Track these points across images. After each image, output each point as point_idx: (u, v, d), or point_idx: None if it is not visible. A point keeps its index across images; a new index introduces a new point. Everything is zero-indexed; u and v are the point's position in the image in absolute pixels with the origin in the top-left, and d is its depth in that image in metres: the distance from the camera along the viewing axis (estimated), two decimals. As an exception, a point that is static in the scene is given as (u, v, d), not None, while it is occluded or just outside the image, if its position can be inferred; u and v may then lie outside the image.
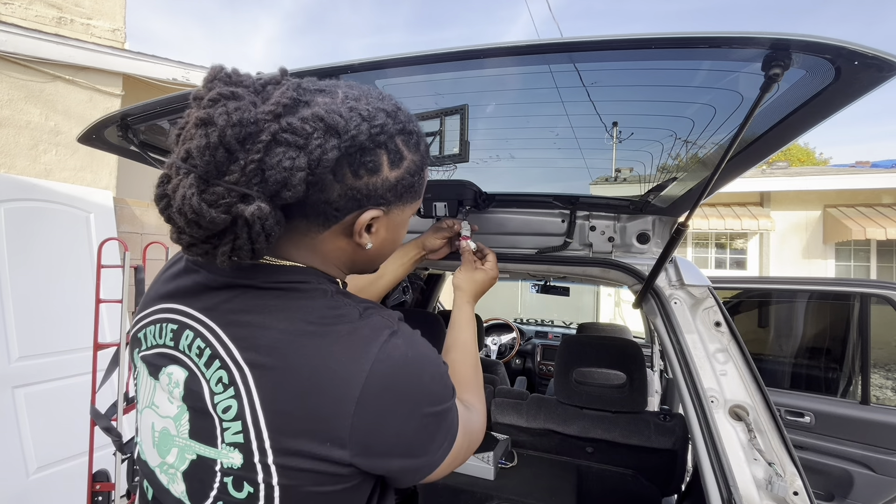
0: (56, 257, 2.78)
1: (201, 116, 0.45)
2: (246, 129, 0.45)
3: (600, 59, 0.64)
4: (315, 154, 0.47)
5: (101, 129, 1.03)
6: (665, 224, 1.21)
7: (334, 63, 0.67)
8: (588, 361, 1.64)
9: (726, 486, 0.92)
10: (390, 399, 0.49)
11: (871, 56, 0.49)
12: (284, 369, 0.48)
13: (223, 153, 0.44)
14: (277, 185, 0.46)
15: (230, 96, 0.45)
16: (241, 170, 0.45)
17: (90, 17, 3.62)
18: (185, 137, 0.46)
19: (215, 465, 0.50)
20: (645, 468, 1.56)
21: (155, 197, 0.48)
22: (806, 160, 21.01)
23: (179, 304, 0.56)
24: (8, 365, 2.47)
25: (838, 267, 8.75)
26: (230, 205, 0.45)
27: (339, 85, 0.54)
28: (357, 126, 0.49)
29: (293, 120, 0.47)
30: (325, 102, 0.49)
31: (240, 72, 0.49)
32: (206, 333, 0.52)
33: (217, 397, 0.50)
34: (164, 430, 0.55)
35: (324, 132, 0.48)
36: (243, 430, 0.48)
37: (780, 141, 0.75)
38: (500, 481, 1.49)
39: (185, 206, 0.44)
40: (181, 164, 0.45)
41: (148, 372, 0.58)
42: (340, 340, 0.49)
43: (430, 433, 0.53)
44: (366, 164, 0.51)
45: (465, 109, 0.86)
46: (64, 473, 2.60)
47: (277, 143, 0.46)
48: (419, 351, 0.54)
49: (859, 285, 2.36)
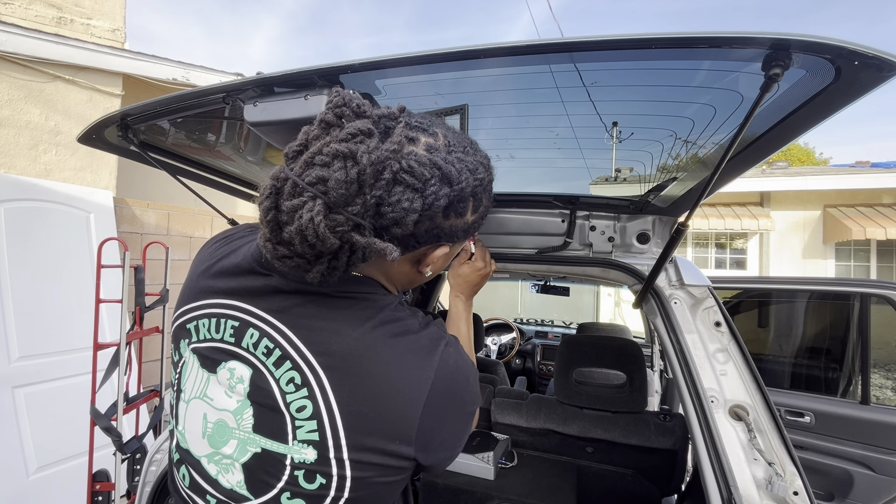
0: (56, 257, 2.78)
1: (343, 151, 0.46)
2: (376, 167, 0.47)
3: (600, 59, 0.64)
4: (429, 199, 0.51)
5: (101, 129, 1.03)
6: (665, 224, 1.21)
7: (335, 63, 0.67)
8: (588, 361, 1.64)
9: (726, 486, 0.92)
10: (449, 401, 0.56)
11: (871, 56, 0.49)
12: (359, 374, 0.52)
13: (356, 188, 0.47)
14: (391, 222, 0.50)
15: (368, 133, 0.47)
16: (363, 203, 0.47)
17: (90, 17, 3.62)
18: (315, 162, 0.47)
19: (285, 459, 0.54)
20: (645, 468, 1.56)
21: (263, 209, 0.49)
22: (806, 160, 21.02)
23: (242, 303, 0.58)
24: (8, 365, 2.47)
25: (838, 267, 8.75)
26: (345, 232, 0.48)
27: (436, 123, 0.57)
28: (466, 179, 0.54)
29: (412, 162, 0.50)
30: (428, 144, 0.53)
31: (363, 100, 0.51)
32: (275, 334, 0.55)
33: (289, 396, 0.54)
34: (221, 422, 0.57)
35: (439, 180, 0.52)
36: (319, 429, 0.52)
37: (780, 141, 0.75)
38: (500, 481, 1.49)
39: (310, 229, 0.46)
40: (308, 187, 0.46)
41: (200, 364, 0.60)
42: (409, 349, 0.55)
43: (468, 429, 0.61)
44: (458, 210, 0.56)
45: (465, 109, 0.86)
46: (64, 473, 2.60)
47: (397, 183, 0.49)
48: (464, 358, 0.60)
49: (859, 285, 2.36)
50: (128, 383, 2.14)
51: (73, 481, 2.59)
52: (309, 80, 0.71)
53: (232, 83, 0.75)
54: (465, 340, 0.87)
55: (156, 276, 3.37)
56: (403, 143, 0.50)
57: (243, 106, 0.77)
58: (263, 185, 0.49)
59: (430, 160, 0.51)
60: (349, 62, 0.66)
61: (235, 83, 0.75)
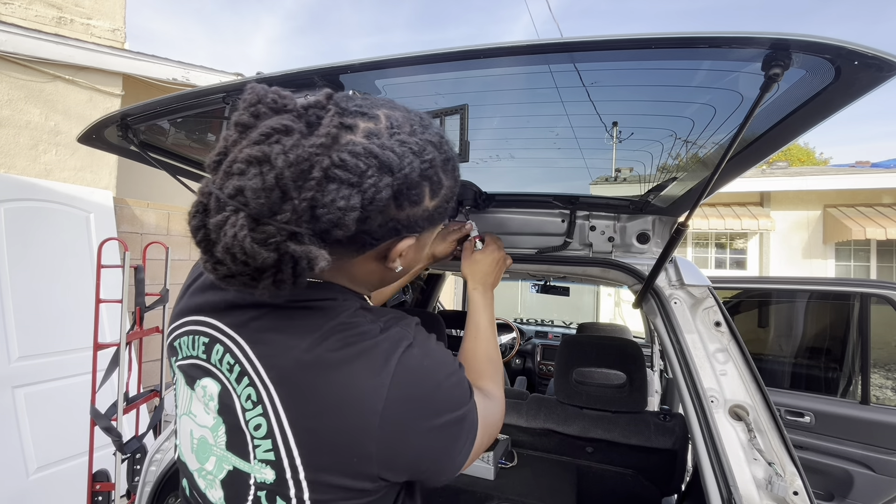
0: (56, 257, 2.78)
1: (256, 155, 0.42)
2: (299, 167, 0.42)
3: (600, 59, 0.64)
4: (369, 193, 0.46)
5: (101, 129, 1.03)
6: (665, 224, 1.21)
7: (334, 63, 0.67)
8: (588, 361, 1.64)
9: (726, 486, 0.92)
10: (412, 410, 0.50)
11: (871, 56, 0.49)
12: (309, 388, 0.49)
13: (278, 194, 0.42)
14: (329, 224, 0.45)
15: (284, 131, 0.43)
16: (293, 209, 0.43)
17: (90, 17, 3.62)
18: (231, 171, 0.43)
19: (249, 478, 0.52)
20: (645, 468, 1.56)
21: (192, 228, 0.46)
22: (806, 160, 21.02)
23: (210, 318, 0.57)
24: (8, 365, 2.47)
25: (838, 267, 8.75)
26: (279, 243, 0.43)
27: (378, 104, 0.52)
28: (410, 163, 0.49)
29: (345, 155, 0.45)
30: (368, 129, 0.48)
31: (282, 93, 0.46)
32: (236, 350, 0.53)
33: (248, 414, 0.52)
34: (203, 439, 0.57)
35: (377, 170, 0.46)
36: (274, 448, 0.50)
37: (780, 141, 0.75)
38: (500, 481, 1.49)
39: (236, 246, 0.42)
40: (228, 200, 0.43)
41: (185, 381, 0.60)
42: (362, 357, 0.50)
43: (454, 437, 0.54)
44: (410, 197, 0.51)
45: (465, 109, 0.86)
46: (64, 473, 2.60)
47: (329, 180, 0.44)
48: (435, 359, 0.55)
49: (859, 285, 2.36)
50: (128, 383, 2.14)
51: (73, 481, 2.59)
52: (309, 80, 0.71)
53: (232, 83, 0.76)
54: (485, 334, 0.82)
55: (156, 276, 3.37)
56: (335, 133, 0.45)
57: (243, 106, 0.77)
58: (192, 203, 0.46)
59: (364, 149, 0.46)
60: (349, 62, 0.66)
61: (235, 83, 0.75)
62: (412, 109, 0.55)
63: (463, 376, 0.58)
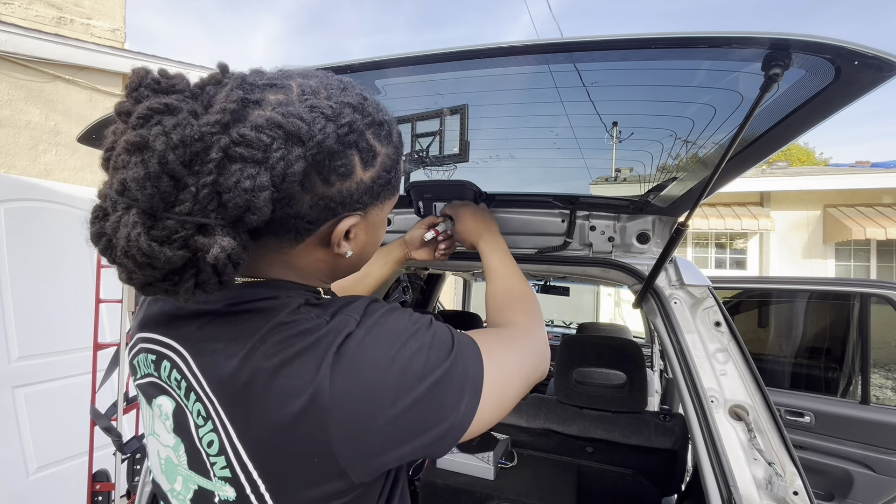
0: (56, 257, 2.78)
1: (132, 140, 0.37)
2: (191, 149, 0.38)
3: (600, 59, 0.64)
4: (278, 168, 0.41)
5: (100, 129, 1.03)
6: (665, 224, 1.21)
7: (334, 63, 0.67)
8: (588, 361, 1.64)
9: (726, 486, 0.92)
10: (363, 398, 0.44)
11: (871, 56, 0.49)
12: (251, 398, 0.45)
13: (168, 181, 0.37)
14: (239, 210, 0.40)
15: (164, 110, 0.38)
16: (192, 197, 0.38)
17: (90, 16, 3.62)
18: (117, 165, 0.38)
19: (213, 497, 0.49)
20: (645, 468, 1.56)
21: (91, 236, 0.41)
22: (806, 160, 21.02)
23: (154, 334, 0.53)
24: (8, 365, 2.47)
25: (838, 267, 8.75)
26: (186, 238, 0.39)
27: (292, 75, 0.47)
28: (322, 129, 0.44)
29: (245, 130, 0.40)
30: (278, 101, 0.44)
31: (169, 72, 0.42)
32: (181, 364, 0.49)
33: (200, 430, 0.48)
34: (168, 459, 0.54)
35: (284, 141, 0.41)
36: (228, 465, 0.46)
37: (780, 141, 0.75)
38: (500, 481, 1.49)
39: (132, 248, 0.37)
40: (117, 197, 0.38)
41: (145, 401, 0.57)
42: (301, 356, 0.44)
43: (436, 403, 0.47)
44: (336, 170, 0.46)
45: (465, 109, 0.86)
46: (64, 473, 2.60)
47: (231, 160, 0.39)
48: (382, 334, 0.48)
49: (859, 285, 2.36)
50: (128, 383, 2.14)
51: (73, 481, 2.58)
52: (309, 80, 0.71)
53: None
54: (498, 273, 0.80)
55: (156, 276, 3.37)
56: (233, 109, 0.40)
57: (243, 106, 0.76)
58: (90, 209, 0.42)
59: (267, 120, 0.41)
60: (349, 62, 0.66)
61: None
62: (335, 76, 0.50)
63: (433, 337, 0.50)
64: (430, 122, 0.89)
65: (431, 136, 0.91)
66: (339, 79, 0.50)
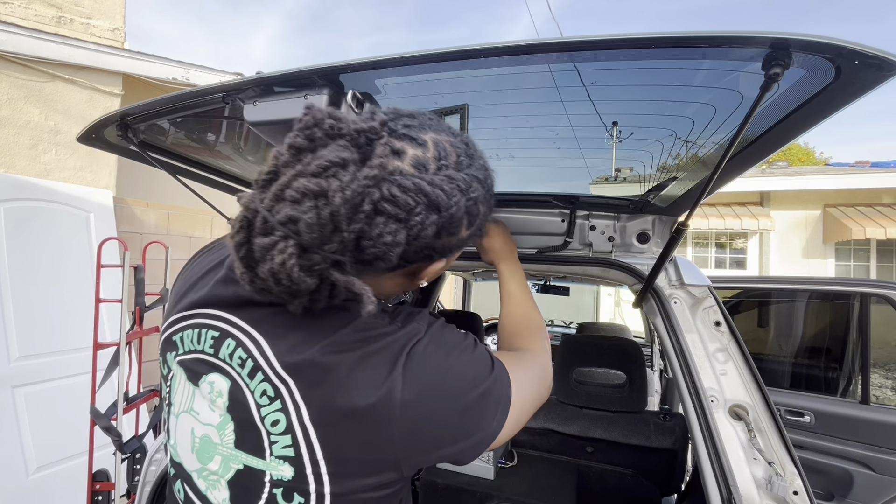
0: (56, 257, 2.78)
1: (312, 188, 0.42)
2: (353, 202, 0.43)
3: (600, 59, 0.64)
4: (415, 230, 0.47)
5: (100, 129, 1.03)
6: (665, 223, 1.21)
7: (334, 63, 0.67)
8: (588, 361, 1.64)
9: (726, 486, 0.92)
10: (427, 399, 0.51)
11: (872, 55, 0.49)
12: (330, 384, 0.49)
13: (331, 227, 0.43)
14: (372, 257, 0.46)
15: (341, 164, 0.43)
16: (341, 240, 0.44)
17: (90, 16, 3.62)
18: (284, 196, 0.43)
19: (264, 476, 0.51)
20: (645, 468, 1.56)
21: (235, 243, 0.46)
22: (806, 160, 21.02)
23: (222, 312, 0.56)
24: (8, 365, 2.47)
25: (838, 267, 8.75)
26: (323, 270, 0.45)
27: (425, 125, 0.52)
28: (456, 202, 0.50)
29: (395, 190, 0.45)
30: (417, 159, 0.49)
31: (339, 114, 0.46)
32: (250, 345, 0.53)
33: (263, 410, 0.51)
34: (206, 437, 0.56)
35: (425, 207, 0.47)
36: (293, 444, 0.50)
37: (780, 140, 0.75)
38: (500, 481, 1.49)
39: (281, 272, 0.44)
40: (280, 226, 0.43)
41: (186, 377, 0.58)
42: (379, 354, 0.51)
43: (478, 413, 0.54)
44: (449, 230, 0.52)
45: (465, 109, 0.86)
46: (64, 473, 2.60)
47: (378, 213, 0.45)
48: (444, 344, 0.55)
49: (859, 285, 2.36)
50: (128, 383, 2.14)
51: (73, 481, 2.59)
52: (309, 79, 0.71)
53: (232, 83, 0.75)
54: (517, 299, 0.85)
55: (156, 276, 3.37)
56: (385, 163, 0.46)
57: (243, 106, 0.76)
58: (236, 216, 0.46)
59: (414, 185, 0.46)
60: (349, 62, 0.66)
61: (235, 83, 0.75)
62: (456, 132, 0.56)
63: (478, 352, 0.58)
64: (429, 121, 0.89)
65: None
66: (464, 141, 0.55)
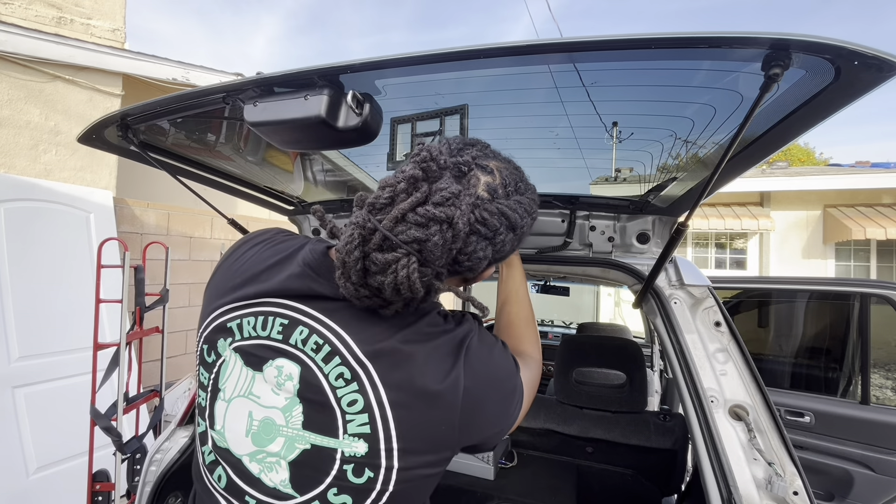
0: (56, 257, 2.78)
1: (440, 217, 0.50)
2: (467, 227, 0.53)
3: (600, 59, 0.64)
4: (498, 247, 0.59)
5: (100, 129, 1.03)
6: (665, 224, 1.21)
7: (335, 63, 0.67)
8: (588, 361, 1.64)
9: (726, 486, 0.92)
10: (482, 385, 0.60)
11: (871, 56, 0.49)
12: (407, 368, 0.56)
13: (448, 248, 0.53)
14: (465, 269, 0.57)
15: (458, 195, 0.52)
16: (447, 255, 0.53)
17: (90, 16, 3.62)
18: (409, 220, 0.50)
19: (335, 453, 0.56)
20: (645, 468, 1.56)
21: (352, 258, 0.52)
22: (806, 160, 21.01)
23: (292, 302, 0.60)
24: (8, 365, 2.47)
25: (838, 267, 8.75)
26: (430, 281, 0.53)
27: (488, 156, 0.62)
28: (525, 222, 0.62)
29: (484, 213, 0.56)
30: (488, 185, 0.58)
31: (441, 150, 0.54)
32: (325, 331, 0.58)
33: (339, 391, 0.56)
34: (268, 420, 0.58)
35: (507, 228, 0.59)
36: (370, 422, 0.55)
37: (780, 141, 0.75)
38: (500, 481, 1.49)
39: (403, 284, 0.51)
40: (403, 245, 0.50)
41: (244, 362, 0.61)
42: (445, 346, 0.59)
43: (510, 403, 0.64)
44: (515, 244, 0.63)
45: (465, 109, 0.86)
46: (64, 473, 2.60)
47: (472, 233, 0.55)
48: (489, 342, 0.65)
49: (859, 285, 2.36)
50: (128, 383, 2.14)
51: (73, 481, 2.58)
52: (309, 80, 0.71)
53: (232, 83, 0.75)
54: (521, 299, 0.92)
55: (156, 276, 3.37)
56: (476, 192, 0.56)
57: (243, 106, 0.77)
58: (347, 233, 0.53)
59: (498, 210, 0.57)
60: (349, 62, 0.66)
61: (235, 83, 0.75)
62: (506, 157, 0.66)
63: (509, 353, 0.68)
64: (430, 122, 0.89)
65: (431, 136, 0.91)
66: (514, 166, 0.66)
